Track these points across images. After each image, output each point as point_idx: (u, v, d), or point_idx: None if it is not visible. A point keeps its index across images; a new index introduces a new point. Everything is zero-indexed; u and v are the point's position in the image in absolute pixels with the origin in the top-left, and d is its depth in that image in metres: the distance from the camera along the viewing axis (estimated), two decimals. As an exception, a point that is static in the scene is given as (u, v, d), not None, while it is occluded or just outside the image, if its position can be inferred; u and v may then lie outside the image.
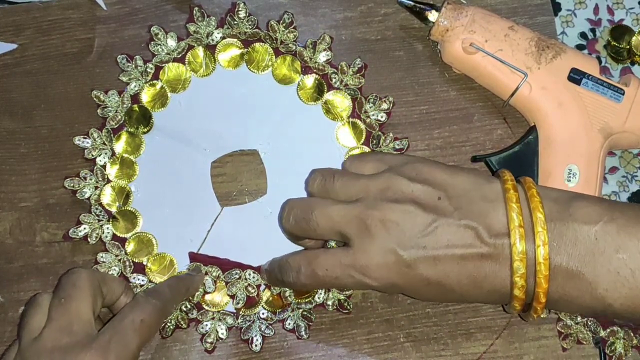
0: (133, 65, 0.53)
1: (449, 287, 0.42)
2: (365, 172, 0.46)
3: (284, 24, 0.53)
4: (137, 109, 0.52)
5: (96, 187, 0.51)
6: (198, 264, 0.50)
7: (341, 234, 0.43)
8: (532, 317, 0.43)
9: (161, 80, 0.53)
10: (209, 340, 0.49)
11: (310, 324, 0.49)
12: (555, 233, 0.41)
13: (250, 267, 0.50)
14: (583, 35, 0.55)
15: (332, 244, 0.49)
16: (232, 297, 0.49)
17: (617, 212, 0.41)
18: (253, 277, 0.49)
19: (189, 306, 0.49)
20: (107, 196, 0.51)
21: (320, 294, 0.49)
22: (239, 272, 0.50)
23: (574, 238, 0.41)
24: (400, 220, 0.42)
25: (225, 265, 0.50)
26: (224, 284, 0.50)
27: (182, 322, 0.49)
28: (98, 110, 0.52)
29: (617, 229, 0.41)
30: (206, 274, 0.50)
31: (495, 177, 0.44)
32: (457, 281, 0.42)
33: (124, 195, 0.51)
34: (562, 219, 0.41)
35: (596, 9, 0.56)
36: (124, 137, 0.52)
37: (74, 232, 0.50)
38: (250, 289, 0.49)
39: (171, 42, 0.53)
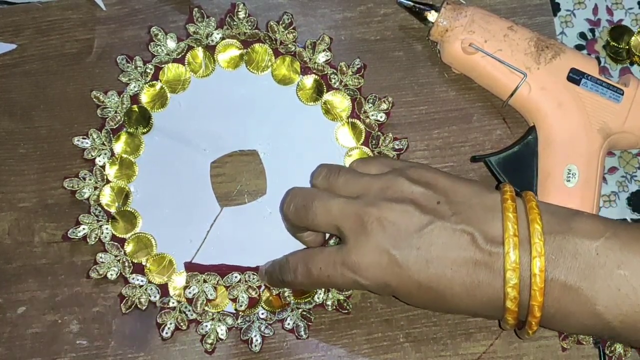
0: (133, 66, 0.53)
1: (440, 293, 0.42)
2: (370, 173, 0.46)
3: (284, 25, 0.53)
4: (136, 109, 0.52)
5: (95, 188, 0.51)
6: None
7: (338, 229, 0.43)
8: (527, 333, 0.42)
9: (161, 81, 0.53)
10: (209, 341, 0.49)
11: (309, 324, 0.49)
12: (554, 246, 0.40)
13: (248, 268, 0.50)
14: (582, 35, 0.55)
15: (331, 243, 0.49)
16: (234, 300, 0.49)
17: (619, 229, 0.41)
18: (253, 279, 0.49)
19: (189, 307, 0.49)
20: (107, 196, 0.51)
21: (320, 294, 0.49)
22: (238, 275, 0.49)
23: (574, 252, 0.40)
24: (396, 220, 0.42)
25: (223, 271, 0.50)
26: (224, 287, 0.49)
27: (181, 324, 0.49)
28: (97, 111, 0.52)
29: (620, 245, 0.40)
30: (205, 281, 0.49)
31: (497, 189, 0.44)
32: (449, 288, 0.41)
33: (123, 195, 0.51)
34: (562, 232, 0.40)
35: (595, 9, 0.56)
36: (123, 137, 0.52)
37: (73, 232, 0.50)
38: (251, 290, 0.49)
39: (171, 43, 0.53)
